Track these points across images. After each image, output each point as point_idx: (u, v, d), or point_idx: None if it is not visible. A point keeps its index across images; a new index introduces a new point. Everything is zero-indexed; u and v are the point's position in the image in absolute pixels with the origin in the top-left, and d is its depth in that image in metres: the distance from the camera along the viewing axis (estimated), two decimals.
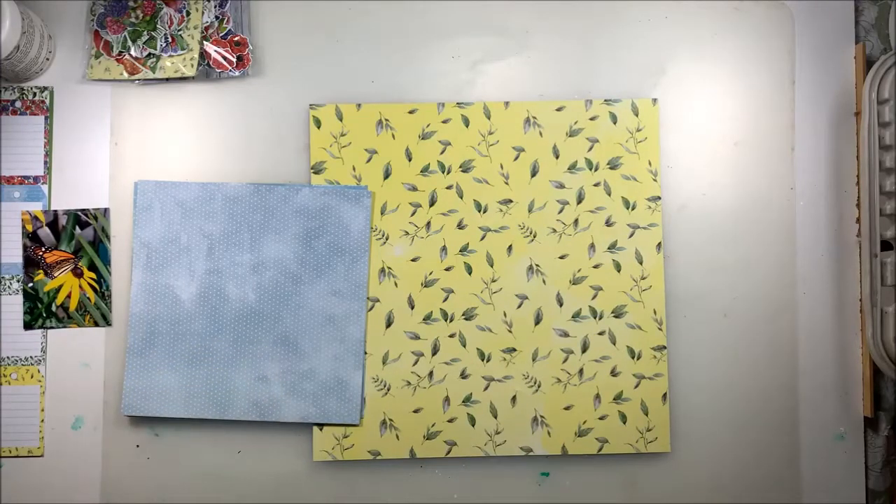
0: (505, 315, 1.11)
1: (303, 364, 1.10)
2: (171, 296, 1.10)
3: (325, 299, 1.11)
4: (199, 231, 1.10)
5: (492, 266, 1.12)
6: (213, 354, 1.10)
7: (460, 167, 1.12)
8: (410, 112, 1.13)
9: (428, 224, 1.12)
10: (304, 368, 1.10)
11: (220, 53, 1.12)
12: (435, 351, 1.11)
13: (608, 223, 1.12)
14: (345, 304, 1.11)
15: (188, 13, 1.12)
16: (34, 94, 1.12)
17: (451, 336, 1.11)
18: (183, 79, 1.13)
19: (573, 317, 1.11)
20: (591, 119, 1.12)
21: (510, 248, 1.12)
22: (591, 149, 1.13)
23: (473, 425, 1.11)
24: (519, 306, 1.12)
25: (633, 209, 1.12)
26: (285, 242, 1.11)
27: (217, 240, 1.10)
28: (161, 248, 1.10)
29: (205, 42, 1.12)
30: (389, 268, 1.12)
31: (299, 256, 1.11)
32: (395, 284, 1.11)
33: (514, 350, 1.11)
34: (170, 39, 1.11)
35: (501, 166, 1.12)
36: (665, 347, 1.11)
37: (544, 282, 1.12)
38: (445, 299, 1.12)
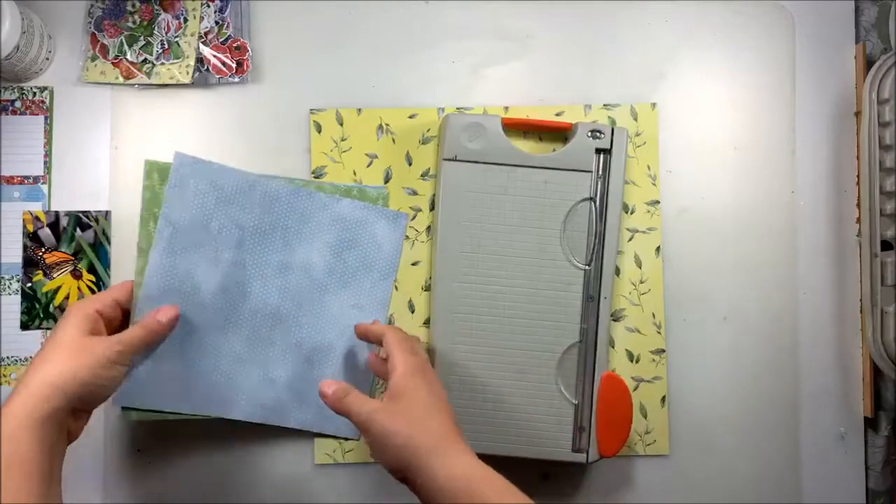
0: None
1: (314, 372, 1.09)
2: (189, 282, 1.04)
3: (347, 312, 1.09)
4: (232, 221, 1.06)
5: None
6: (222, 349, 1.06)
7: None
8: (411, 117, 1.13)
9: (428, 228, 1.12)
10: (314, 376, 1.09)
11: (219, 59, 1.11)
12: None
13: None
14: (365, 319, 1.09)
15: (186, 20, 1.12)
16: (34, 94, 1.12)
17: None
18: (181, 84, 1.12)
19: None
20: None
21: None
22: None
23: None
24: None
25: (632, 213, 1.12)
26: (316, 249, 1.09)
27: (249, 233, 1.06)
28: (188, 231, 1.04)
29: (204, 47, 1.11)
30: None
31: (328, 265, 1.09)
32: (396, 288, 1.12)
33: None
34: (165, 46, 1.11)
35: None
36: (664, 351, 1.12)
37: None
38: None
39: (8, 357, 1.11)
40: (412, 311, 1.12)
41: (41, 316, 1.11)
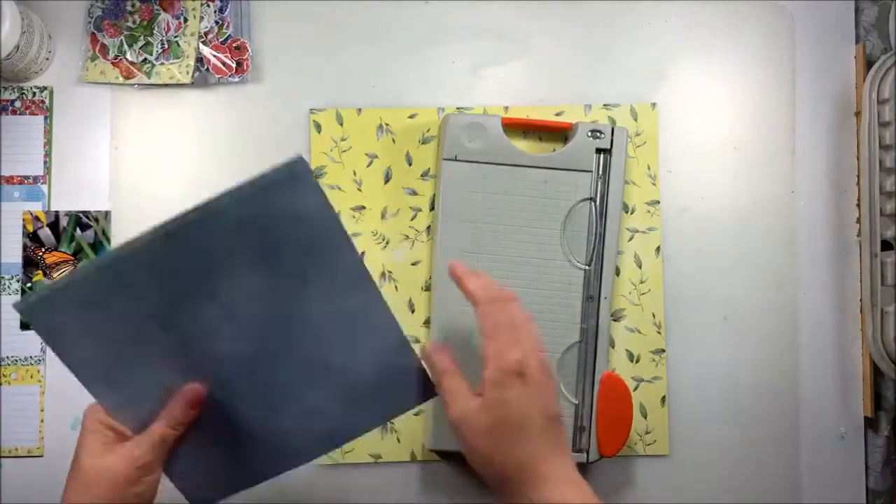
0: None
1: (347, 374, 0.87)
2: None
3: (326, 304, 0.83)
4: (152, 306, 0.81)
5: None
6: (250, 411, 0.87)
7: None
8: (410, 117, 1.13)
9: (428, 228, 1.12)
10: (351, 378, 0.87)
11: (218, 59, 1.11)
12: None
13: None
14: (351, 299, 0.84)
15: (185, 20, 1.12)
16: (34, 94, 1.12)
17: None
18: (181, 84, 1.12)
19: None
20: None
21: None
22: None
23: None
24: None
25: (632, 213, 1.12)
26: (245, 275, 0.81)
27: (162, 313, 0.82)
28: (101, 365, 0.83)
29: (204, 47, 1.11)
30: (390, 271, 1.12)
31: (269, 281, 0.81)
32: (396, 288, 1.11)
33: None
34: (165, 46, 1.11)
35: None
36: (664, 351, 1.12)
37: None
38: None
39: (8, 357, 1.10)
40: (412, 311, 1.11)
41: None
